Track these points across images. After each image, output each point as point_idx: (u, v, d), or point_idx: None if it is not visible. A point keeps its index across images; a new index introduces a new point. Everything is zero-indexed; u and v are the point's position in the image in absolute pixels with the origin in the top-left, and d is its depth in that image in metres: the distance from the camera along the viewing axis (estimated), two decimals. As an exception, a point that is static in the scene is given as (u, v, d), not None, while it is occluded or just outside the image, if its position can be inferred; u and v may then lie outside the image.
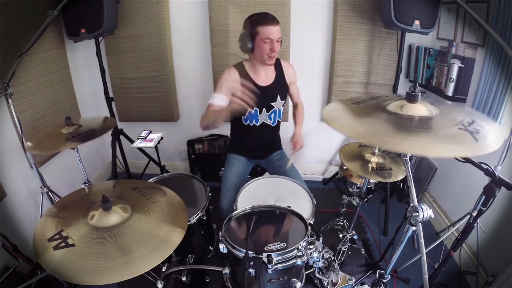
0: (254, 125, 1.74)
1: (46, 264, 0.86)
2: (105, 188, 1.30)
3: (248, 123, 1.74)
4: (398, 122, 0.88)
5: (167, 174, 1.67)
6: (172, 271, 1.24)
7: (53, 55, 2.16)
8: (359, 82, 2.45)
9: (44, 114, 2.08)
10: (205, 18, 2.30)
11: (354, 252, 1.99)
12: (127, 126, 2.54)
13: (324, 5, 2.27)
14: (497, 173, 1.22)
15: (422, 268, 1.02)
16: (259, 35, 1.50)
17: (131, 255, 0.88)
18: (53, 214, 1.06)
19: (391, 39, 2.27)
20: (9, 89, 1.52)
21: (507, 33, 1.48)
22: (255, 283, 1.06)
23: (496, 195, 1.25)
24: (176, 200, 1.17)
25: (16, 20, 1.78)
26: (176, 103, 2.66)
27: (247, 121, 1.74)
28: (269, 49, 1.51)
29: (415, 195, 0.94)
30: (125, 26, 2.31)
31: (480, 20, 1.25)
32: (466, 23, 1.84)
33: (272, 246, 1.05)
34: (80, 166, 1.73)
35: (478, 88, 1.75)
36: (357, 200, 1.78)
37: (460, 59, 1.90)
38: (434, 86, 2.16)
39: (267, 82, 1.69)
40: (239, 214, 1.24)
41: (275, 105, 1.72)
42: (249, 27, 1.53)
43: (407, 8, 1.84)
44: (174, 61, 2.49)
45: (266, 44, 1.51)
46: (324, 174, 2.89)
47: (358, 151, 1.67)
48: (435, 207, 2.26)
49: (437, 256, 1.71)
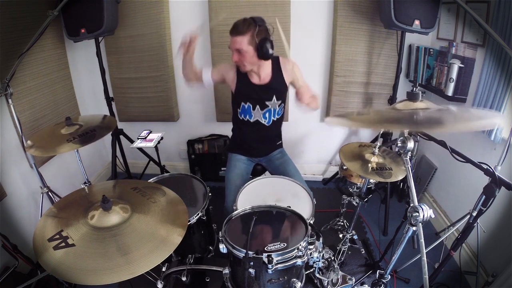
0: (249, 121, 1.75)
1: (46, 264, 0.86)
2: (105, 188, 1.30)
3: (243, 118, 1.76)
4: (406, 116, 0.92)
5: (167, 174, 1.67)
6: (172, 271, 1.24)
7: (53, 55, 2.16)
8: (359, 82, 2.45)
9: (44, 114, 2.08)
10: (205, 18, 2.30)
11: (354, 252, 1.99)
12: (127, 126, 2.54)
13: (324, 5, 2.27)
14: (497, 173, 1.23)
15: (422, 268, 1.02)
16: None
17: (131, 255, 0.88)
18: (53, 214, 1.06)
19: (391, 39, 2.27)
20: (9, 89, 1.52)
21: (507, 33, 1.48)
22: (255, 283, 1.06)
23: (496, 195, 1.25)
24: (176, 200, 1.17)
25: (16, 20, 1.78)
26: (176, 103, 2.66)
27: (242, 115, 1.75)
28: (233, 59, 1.57)
29: (415, 195, 0.94)
30: (125, 26, 2.31)
31: (480, 20, 1.25)
32: (466, 23, 1.84)
33: (272, 246, 1.05)
34: (80, 166, 1.73)
35: (478, 88, 1.75)
36: (357, 200, 1.78)
37: (460, 59, 1.90)
38: (434, 86, 2.16)
39: (262, 81, 1.68)
40: (239, 214, 1.24)
41: (270, 104, 1.71)
42: None
43: (407, 8, 1.84)
44: (174, 61, 2.49)
45: (233, 53, 1.56)
46: (324, 174, 2.89)
47: (358, 151, 1.66)
48: (435, 207, 2.26)
49: (437, 256, 1.72)
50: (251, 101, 1.69)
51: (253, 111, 1.72)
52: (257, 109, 1.71)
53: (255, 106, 1.71)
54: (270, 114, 1.75)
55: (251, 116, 1.74)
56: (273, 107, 1.73)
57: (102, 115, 1.74)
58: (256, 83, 1.67)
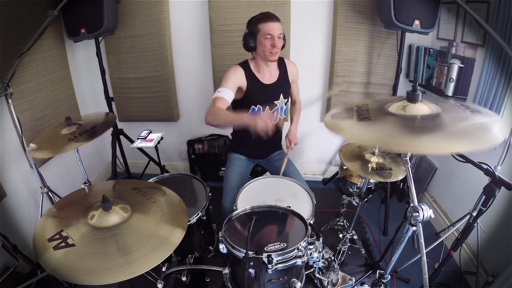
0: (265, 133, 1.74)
1: (46, 264, 0.86)
2: (105, 188, 1.30)
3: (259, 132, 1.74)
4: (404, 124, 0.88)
5: (167, 174, 1.67)
6: (172, 271, 1.24)
7: (53, 55, 2.15)
8: (359, 82, 2.45)
9: (44, 114, 2.08)
10: (205, 18, 2.30)
11: (354, 252, 1.99)
12: (127, 126, 2.54)
13: (324, 5, 2.27)
14: (497, 173, 1.22)
15: (422, 268, 1.02)
16: (260, 31, 1.54)
17: (131, 255, 0.88)
18: (53, 214, 1.06)
19: (391, 39, 2.27)
20: (9, 89, 1.52)
21: (507, 33, 1.48)
22: (255, 283, 1.06)
23: (496, 195, 1.25)
24: (176, 200, 1.17)
25: (16, 20, 1.77)
26: (176, 103, 2.66)
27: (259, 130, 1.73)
28: (270, 45, 1.54)
29: (415, 195, 0.94)
30: (125, 26, 2.31)
31: (480, 20, 1.25)
32: (466, 23, 1.84)
33: (272, 246, 1.05)
34: (80, 166, 1.73)
35: (478, 88, 1.75)
36: (357, 200, 1.78)
37: (460, 59, 1.90)
38: (434, 86, 2.16)
39: (270, 80, 1.70)
40: (239, 214, 1.24)
41: (278, 103, 1.74)
42: (251, 26, 1.59)
43: (407, 8, 1.84)
44: (174, 61, 2.49)
45: (267, 40, 1.53)
46: (324, 174, 2.89)
47: (358, 151, 1.66)
48: (435, 207, 2.26)
49: (437, 256, 1.71)
50: (261, 103, 1.69)
51: (262, 113, 1.72)
52: (266, 110, 1.72)
53: (265, 108, 1.71)
54: (277, 113, 1.77)
55: None
56: (280, 106, 1.76)
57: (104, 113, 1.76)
58: (265, 83, 1.68)
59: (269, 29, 1.52)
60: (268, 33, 1.53)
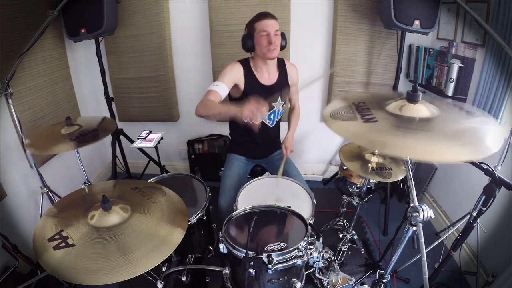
0: (254, 124, 1.74)
1: (46, 264, 0.86)
2: (105, 188, 1.30)
3: (248, 121, 1.74)
4: (399, 124, 0.86)
5: (167, 174, 1.67)
6: (172, 271, 1.24)
7: (53, 55, 2.15)
8: (359, 82, 2.45)
9: (44, 114, 2.07)
10: (205, 18, 2.30)
11: (354, 252, 1.99)
12: (127, 126, 2.53)
13: (324, 5, 2.27)
14: (497, 173, 1.22)
15: (422, 268, 1.02)
16: (256, 30, 1.55)
17: (131, 255, 0.88)
18: (53, 214, 1.06)
19: (391, 39, 2.27)
20: (9, 89, 1.52)
21: (507, 33, 1.48)
22: (255, 283, 1.06)
23: (496, 195, 1.25)
24: (176, 200, 1.17)
25: (16, 20, 1.77)
26: (176, 103, 2.66)
27: (247, 118, 1.73)
28: (267, 42, 1.53)
29: (415, 195, 0.94)
30: (125, 26, 2.31)
31: (480, 20, 1.25)
32: (466, 23, 1.84)
33: (272, 246, 1.05)
34: (80, 166, 1.73)
35: (478, 88, 1.75)
36: (357, 200, 1.78)
37: (460, 59, 1.90)
38: (434, 86, 2.16)
39: (269, 82, 1.69)
40: (239, 214, 1.24)
41: (275, 105, 1.73)
42: (248, 27, 1.59)
43: (407, 8, 1.84)
44: (174, 61, 2.49)
45: (263, 37, 1.53)
46: (324, 174, 2.89)
47: (358, 151, 1.66)
48: (435, 207, 2.26)
49: (437, 256, 1.71)
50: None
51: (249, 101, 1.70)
52: (263, 111, 1.71)
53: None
54: (274, 115, 1.77)
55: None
56: (278, 108, 1.75)
57: (102, 117, 1.75)
58: (264, 84, 1.67)
59: (264, 26, 1.52)
60: (263, 30, 1.52)
